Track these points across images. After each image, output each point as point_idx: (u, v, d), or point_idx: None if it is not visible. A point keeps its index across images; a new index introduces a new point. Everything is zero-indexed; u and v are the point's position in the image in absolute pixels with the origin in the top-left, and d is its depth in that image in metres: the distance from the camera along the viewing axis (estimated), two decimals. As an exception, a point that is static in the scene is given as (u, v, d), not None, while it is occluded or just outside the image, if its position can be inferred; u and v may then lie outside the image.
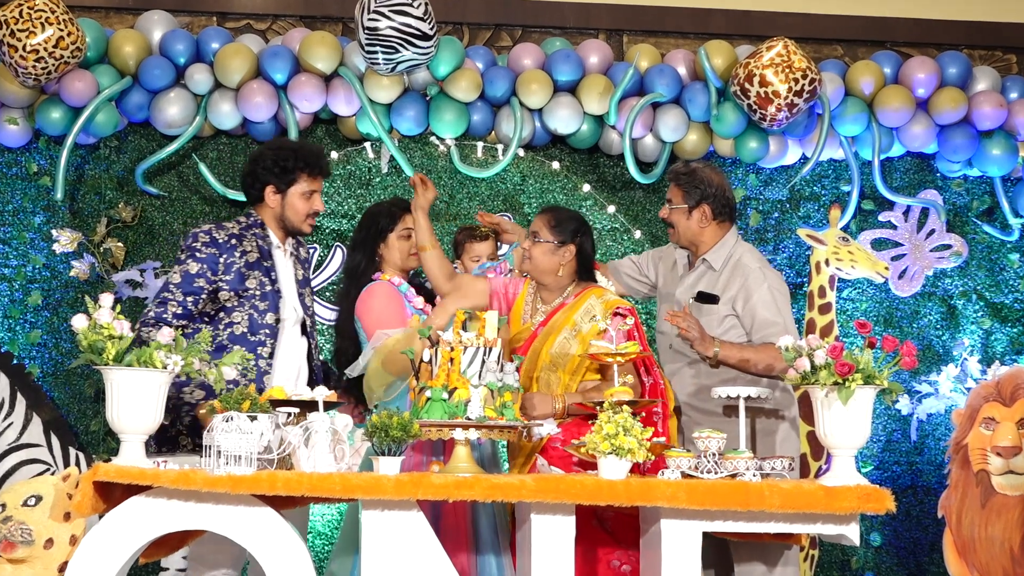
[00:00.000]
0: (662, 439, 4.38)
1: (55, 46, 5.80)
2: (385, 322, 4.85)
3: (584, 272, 4.82)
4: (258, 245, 4.85)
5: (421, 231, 4.92)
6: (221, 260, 4.74)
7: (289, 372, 4.83)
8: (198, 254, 4.73)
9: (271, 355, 4.78)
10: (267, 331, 4.78)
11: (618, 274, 5.35)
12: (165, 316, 4.65)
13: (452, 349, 4.15)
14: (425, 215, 4.93)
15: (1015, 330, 6.73)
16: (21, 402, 5.92)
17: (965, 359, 6.65)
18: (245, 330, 4.74)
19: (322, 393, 4.04)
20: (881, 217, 6.75)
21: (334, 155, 6.30)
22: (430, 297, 5.14)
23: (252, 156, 5.03)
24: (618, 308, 4.65)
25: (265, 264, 4.84)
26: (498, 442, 4.96)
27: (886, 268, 6.43)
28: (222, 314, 4.75)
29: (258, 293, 4.79)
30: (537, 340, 4.72)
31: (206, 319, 4.74)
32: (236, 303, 4.75)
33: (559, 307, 4.75)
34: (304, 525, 4.91)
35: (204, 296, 4.70)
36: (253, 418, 3.82)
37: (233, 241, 4.80)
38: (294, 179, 4.89)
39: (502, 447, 5.18)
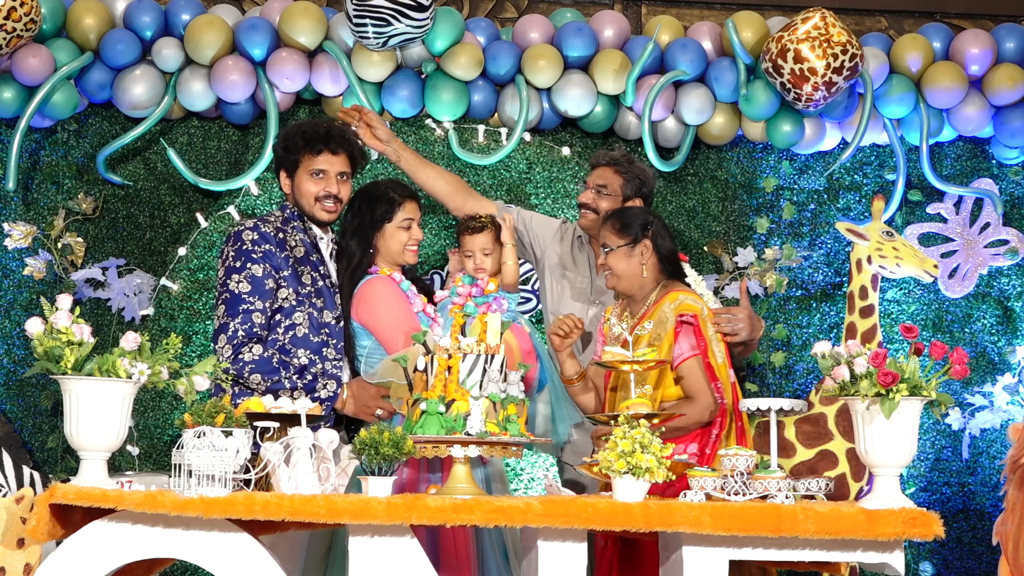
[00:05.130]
0: (685, 457, 4.39)
1: (6, 17, 5.81)
2: (399, 318, 4.87)
3: (669, 267, 4.89)
4: (302, 239, 4.92)
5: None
6: (278, 255, 4.81)
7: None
8: (254, 254, 4.80)
9: (339, 356, 4.83)
10: (328, 331, 4.84)
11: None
12: (256, 329, 4.74)
13: (450, 356, 4.16)
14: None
15: (1080, 335, 6.75)
16: (-31, 415, 5.95)
17: (1023, 368, 6.66)
18: (307, 331, 4.80)
19: (304, 406, 4.04)
20: (930, 209, 6.75)
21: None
22: (428, 294, 5.14)
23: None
24: (682, 316, 4.69)
25: (312, 258, 4.90)
26: (504, 459, 4.98)
27: (935, 266, 6.42)
28: (279, 316, 4.80)
29: (313, 290, 4.85)
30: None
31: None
32: (295, 301, 4.81)
33: (642, 317, 4.81)
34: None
35: (272, 298, 4.78)
36: (228, 433, 3.83)
37: (280, 235, 4.87)
38: (298, 159, 4.96)
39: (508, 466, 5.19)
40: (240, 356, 4.69)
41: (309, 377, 4.73)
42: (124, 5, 6.28)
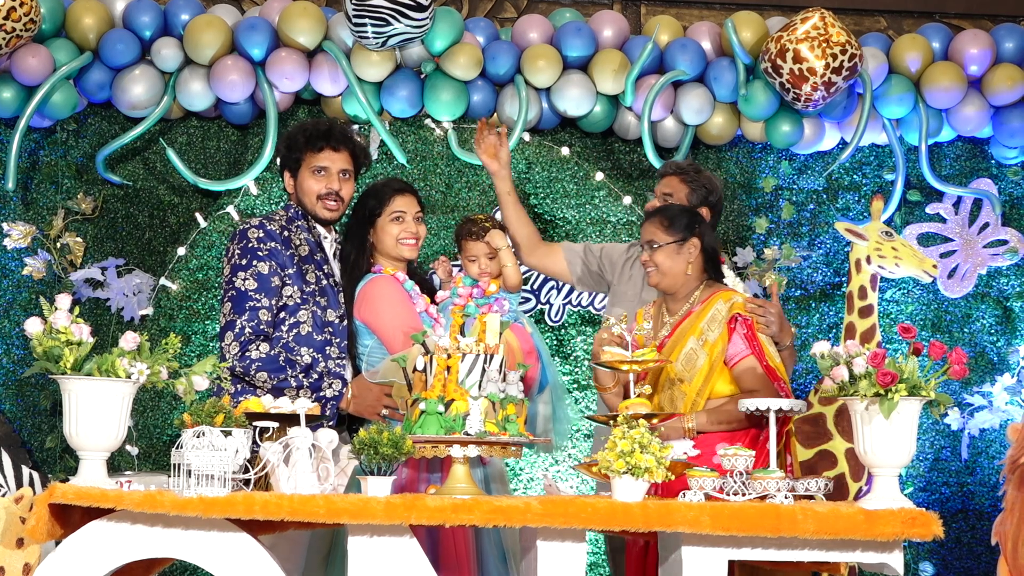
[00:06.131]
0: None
1: (6, 17, 5.82)
2: (401, 317, 4.85)
3: (712, 268, 4.88)
4: (306, 238, 4.91)
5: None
6: (284, 253, 4.80)
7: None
8: (260, 252, 4.78)
9: (342, 355, 4.83)
10: (331, 329, 4.83)
11: (572, 258, 5.47)
12: (263, 327, 4.72)
13: (449, 356, 4.16)
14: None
15: (1079, 335, 6.75)
16: (-32, 415, 5.95)
17: (1022, 368, 6.66)
18: (311, 330, 4.79)
19: (304, 405, 4.04)
20: (929, 209, 6.76)
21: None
22: (432, 294, 5.11)
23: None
24: (736, 315, 4.69)
25: (316, 257, 4.89)
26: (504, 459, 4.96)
27: (934, 266, 6.44)
28: (284, 314, 4.79)
29: (316, 288, 4.84)
30: (662, 353, 4.73)
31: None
32: (299, 300, 4.80)
33: (686, 315, 4.79)
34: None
35: (277, 296, 4.77)
36: (227, 433, 3.83)
37: (286, 234, 4.86)
38: (300, 157, 4.94)
39: (509, 465, 5.18)
40: (247, 354, 4.68)
41: (315, 376, 4.73)
42: (123, 5, 6.28)
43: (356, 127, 6.27)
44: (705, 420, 4.60)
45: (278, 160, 5.12)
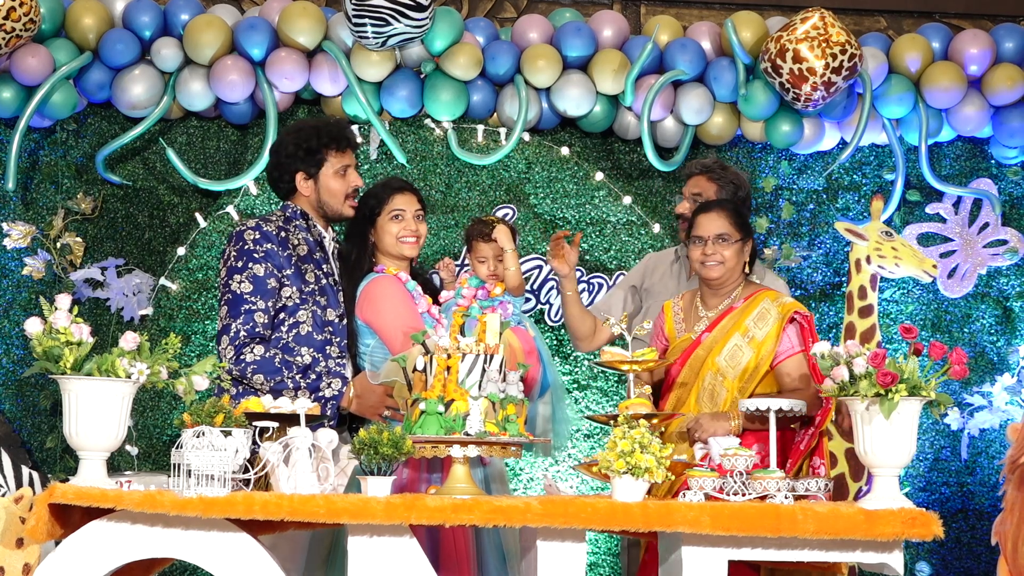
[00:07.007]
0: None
1: (5, 17, 5.82)
2: (403, 317, 4.84)
3: (751, 266, 4.91)
4: (304, 238, 4.90)
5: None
6: (281, 254, 4.79)
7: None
8: (256, 253, 4.77)
9: (343, 354, 4.83)
10: (331, 328, 4.83)
11: (619, 315, 5.43)
12: (258, 330, 4.72)
13: (449, 356, 4.16)
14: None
15: (1079, 335, 6.75)
16: (-32, 415, 5.95)
17: (1022, 368, 6.66)
18: (310, 329, 4.79)
19: (304, 405, 4.04)
20: (929, 209, 6.75)
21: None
22: (435, 295, 5.10)
23: (273, 146, 5.14)
24: (795, 313, 4.71)
25: (316, 256, 4.89)
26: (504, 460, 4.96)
27: (934, 266, 6.44)
28: (283, 314, 4.79)
29: (316, 288, 4.83)
30: (700, 348, 4.76)
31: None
32: (298, 300, 4.79)
33: (727, 311, 4.79)
34: None
35: (275, 298, 4.77)
36: (227, 433, 3.83)
37: (283, 234, 4.85)
38: (322, 158, 4.93)
39: (511, 465, 5.18)
40: (242, 357, 4.68)
41: (313, 376, 4.72)
42: (123, 5, 6.28)
43: (356, 127, 6.28)
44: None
45: (283, 160, 5.03)
